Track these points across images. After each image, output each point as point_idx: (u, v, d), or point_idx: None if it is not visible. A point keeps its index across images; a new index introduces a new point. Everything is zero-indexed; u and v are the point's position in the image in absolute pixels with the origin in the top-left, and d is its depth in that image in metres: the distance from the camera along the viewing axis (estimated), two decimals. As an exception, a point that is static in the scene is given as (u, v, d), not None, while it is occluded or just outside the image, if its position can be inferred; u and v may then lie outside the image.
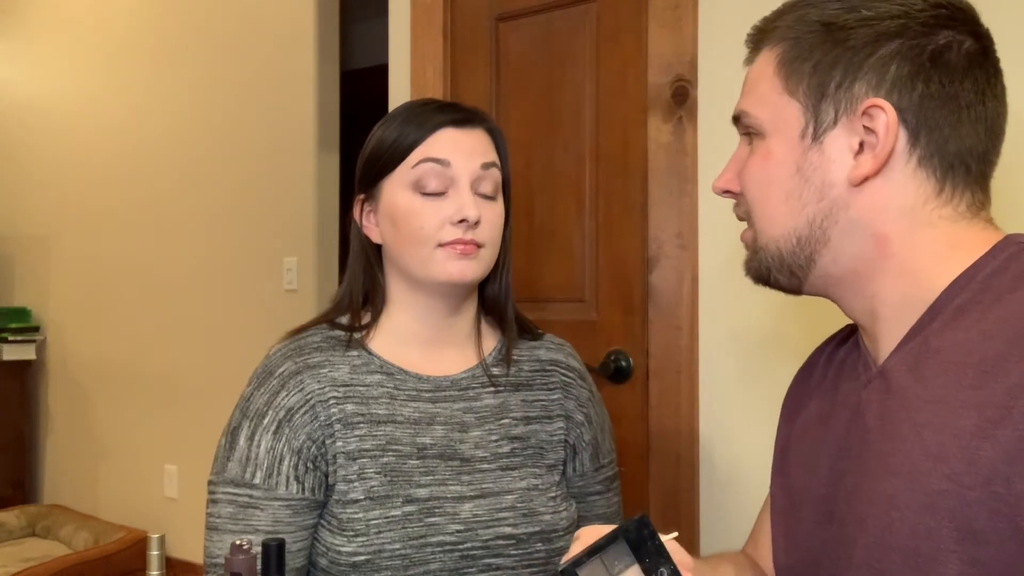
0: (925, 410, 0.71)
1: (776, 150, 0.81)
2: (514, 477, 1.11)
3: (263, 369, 1.11)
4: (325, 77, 3.13)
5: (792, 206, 0.80)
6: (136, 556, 3.26)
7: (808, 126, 0.79)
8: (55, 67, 4.01)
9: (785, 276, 0.83)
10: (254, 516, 1.05)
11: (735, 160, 0.87)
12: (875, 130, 0.76)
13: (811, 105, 0.79)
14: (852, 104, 0.77)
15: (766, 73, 0.82)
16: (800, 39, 0.80)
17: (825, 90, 0.78)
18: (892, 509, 0.71)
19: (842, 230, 0.79)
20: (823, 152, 0.79)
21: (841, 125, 0.78)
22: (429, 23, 2.19)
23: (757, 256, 0.85)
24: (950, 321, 0.73)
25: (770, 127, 0.81)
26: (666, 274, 1.81)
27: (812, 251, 0.80)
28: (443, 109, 1.12)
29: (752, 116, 0.83)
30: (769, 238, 0.83)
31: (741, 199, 0.86)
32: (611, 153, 1.93)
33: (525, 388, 1.17)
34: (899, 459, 0.71)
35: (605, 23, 1.94)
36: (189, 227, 3.44)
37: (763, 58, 0.83)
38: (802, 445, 0.90)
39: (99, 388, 3.78)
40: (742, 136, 0.87)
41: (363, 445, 1.06)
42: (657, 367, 1.83)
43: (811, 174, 0.79)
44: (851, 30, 0.77)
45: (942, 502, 0.67)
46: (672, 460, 1.80)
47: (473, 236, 1.07)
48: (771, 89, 0.81)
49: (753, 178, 0.83)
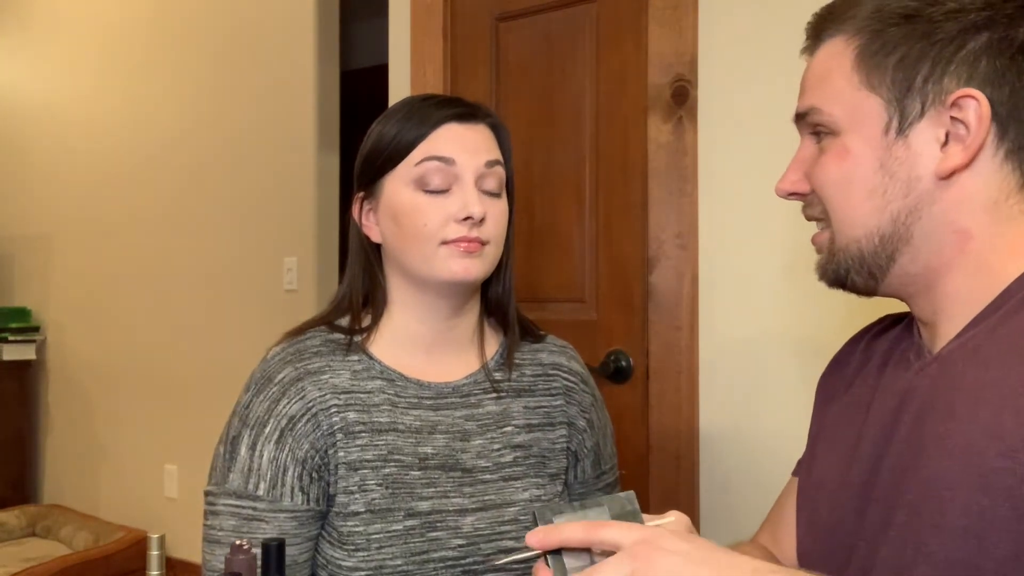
0: (983, 390, 0.71)
1: (855, 147, 0.78)
2: (517, 488, 1.09)
3: (261, 375, 1.08)
4: (325, 77, 3.12)
5: (876, 203, 0.78)
6: (136, 556, 3.26)
7: (892, 120, 0.77)
8: (55, 67, 4.01)
9: (863, 277, 0.81)
10: (259, 529, 1.01)
11: (799, 161, 0.84)
12: (965, 121, 0.75)
13: (896, 99, 0.77)
14: (940, 96, 0.76)
15: (839, 67, 0.80)
16: (881, 32, 0.78)
17: (911, 84, 0.76)
18: (944, 489, 0.70)
19: (925, 226, 0.77)
20: (909, 146, 0.77)
21: (928, 118, 0.76)
22: (429, 23, 2.19)
23: (835, 258, 0.82)
24: (1013, 311, 0.74)
25: (847, 124, 0.79)
26: (666, 274, 1.81)
27: (894, 250, 0.79)
28: (445, 104, 1.09)
29: (825, 113, 0.80)
30: (850, 238, 0.80)
31: (812, 199, 0.84)
32: (611, 153, 1.93)
33: (527, 394, 1.15)
34: (954, 439, 0.71)
35: (605, 23, 1.94)
36: (189, 227, 3.44)
37: (830, 50, 0.81)
38: (836, 432, 0.89)
39: (99, 388, 3.78)
40: (807, 135, 0.84)
41: (364, 455, 1.04)
42: (657, 367, 1.83)
43: (896, 169, 0.77)
44: (937, 23, 0.76)
45: (998, 480, 0.67)
46: (672, 460, 1.80)
47: (478, 233, 1.04)
48: (847, 84, 0.79)
49: (830, 177, 0.80)
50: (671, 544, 0.64)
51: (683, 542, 0.65)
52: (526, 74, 2.07)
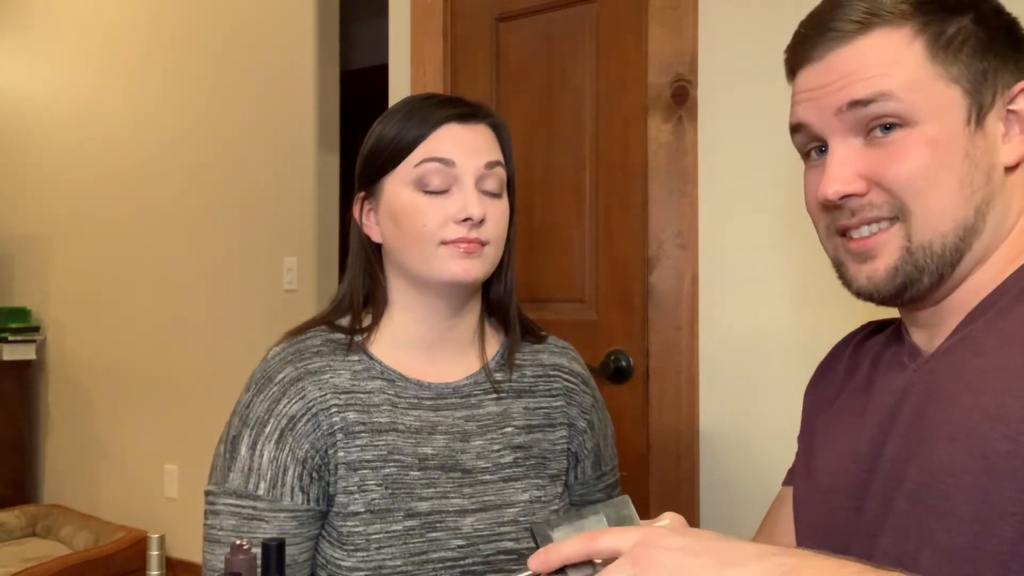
0: (983, 378, 0.71)
1: (940, 136, 0.76)
2: (516, 489, 1.09)
3: (261, 374, 1.08)
4: (325, 77, 3.12)
5: (965, 193, 0.76)
6: (136, 556, 3.26)
7: (972, 111, 0.77)
8: (55, 67, 4.01)
9: (933, 279, 0.77)
10: (259, 528, 1.01)
11: (844, 160, 0.78)
12: (1021, 111, 0.78)
13: (974, 90, 0.77)
14: (1005, 88, 0.78)
15: (911, 57, 0.77)
16: (946, 24, 0.77)
17: (985, 76, 0.77)
18: (947, 475, 0.70)
19: (994, 217, 0.78)
20: (986, 136, 0.78)
21: (996, 109, 0.78)
22: (429, 23, 2.19)
23: (913, 257, 0.77)
24: (1016, 301, 0.74)
25: (928, 113, 0.76)
26: (666, 274, 1.81)
27: (967, 245, 0.77)
28: (446, 104, 1.08)
29: (904, 100, 0.76)
30: (936, 232, 0.76)
31: (870, 200, 0.78)
32: (611, 153, 1.93)
33: (528, 395, 1.15)
34: (956, 425, 0.71)
35: (605, 23, 1.94)
36: (189, 227, 3.44)
37: (887, 40, 0.77)
38: (831, 439, 0.89)
39: (99, 388, 3.78)
40: (845, 133, 0.78)
41: (364, 455, 1.04)
42: (657, 367, 1.83)
43: (980, 158, 0.77)
44: (986, 16, 0.78)
45: (1002, 462, 0.67)
46: (672, 460, 1.80)
47: (477, 234, 1.04)
48: (924, 74, 0.77)
49: (918, 167, 0.76)
50: (669, 541, 0.64)
51: (681, 537, 0.64)
52: (526, 74, 2.07)
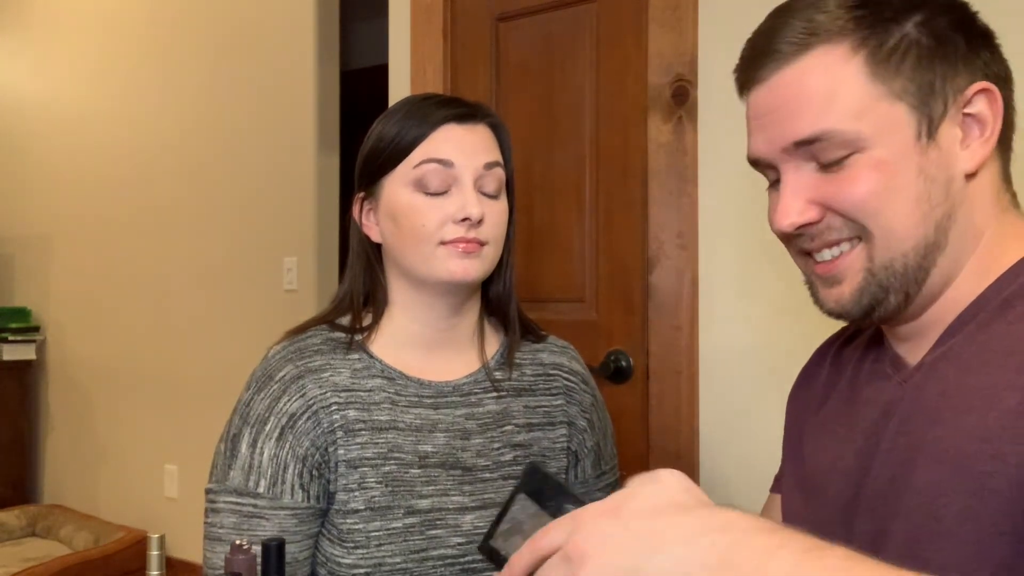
0: (968, 396, 0.70)
1: (890, 157, 0.73)
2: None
3: (262, 372, 1.08)
4: (325, 77, 3.12)
5: (923, 211, 0.74)
6: (136, 556, 3.26)
7: (922, 125, 0.74)
8: (55, 67, 4.01)
9: (899, 298, 0.76)
10: (259, 526, 1.02)
11: (797, 189, 0.77)
12: (979, 115, 0.75)
13: (921, 103, 0.74)
14: (958, 94, 0.74)
15: (850, 80, 0.74)
16: (886, 36, 0.74)
17: (933, 85, 0.74)
18: (938, 496, 0.69)
19: (957, 229, 0.75)
20: (940, 148, 0.74)
21: (948, 117, 0.75)
22: (429, 23, 2.19)
23: (875, 279, 0.76)
24: (995, 316, 0.73)
25: (874, 137, 0.73)
26: (666, 274, 1.81)
27: (932, 262, 0.75)
28: (445, 104, 1.09)
29: (847, 132, 0.73)
30: (897, 252, 0.75)
31: (826, 225, 0.77)
32: (611, 153, 1.93)
33: (528, 393, 1.15)
34: (943, 446, 0.70)
35: (605, 23, 1.94)
36: (189, 227, 3.44)
37: (823, 64, 0.74)
38: (819, 449, 0.88)
39: (99, 388, 3.78)
40: (799, 162, 0.76)
41: (364, 453, 1.04)
42: (657, 367, 1.83)
43: (936, 173, 0.74)
44: (931, 19, 0.75)
45: (990, 483, 0.66)
46: (672, 460, 1.80)
47: (476, 234, 1.05)
48: (866, 97, 0.73)
49: (868, 191, 0.74)
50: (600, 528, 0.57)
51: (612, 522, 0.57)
52: (526, 74, 2.07)
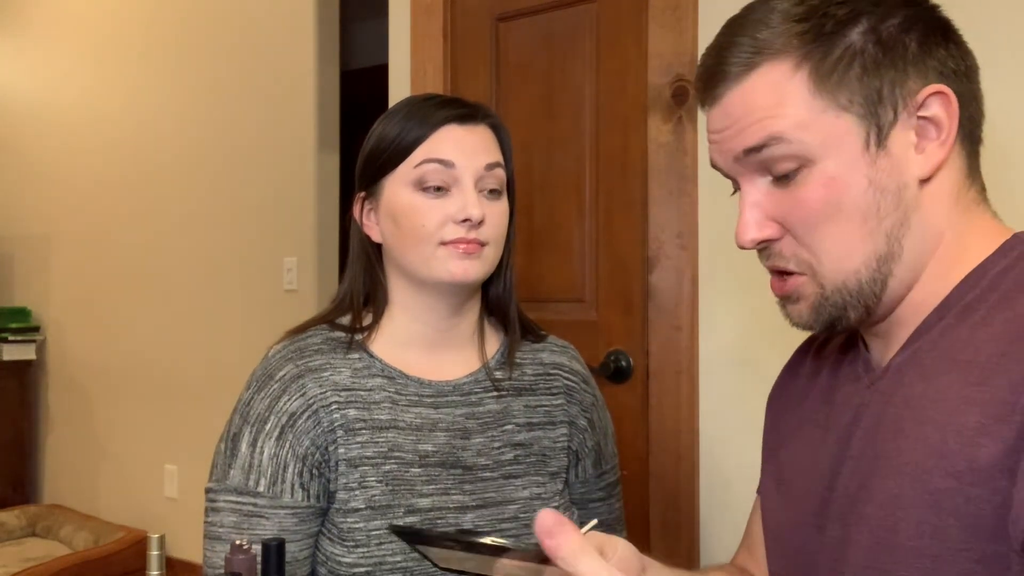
0: (929, 408, 0.70)
1: (838, 172, 0.73)
2: (517, 486, 1.09)
3: (262, 372, 1.08)
4: (325, 77, 3.12)
5: (871, 225, 0.73)
6: (136, 556, 3.26)
7: (870, 135, 0.73)
8: (56, 67, 4.01)
9: (859, 312, 0.76)
10: (259, 525, 1.02)
11: (754, 205, 0.77)
12: (934, 117, 0.74)
13: (868, 113, 0.73)
14: (909, 99, 0.73)
15: (794, 94, 0.73)
16: (830, 48, 0.73)
17: (880, 92, 0.73)
18: (897, 509, 0.70)
19: (913, 236, 0.74)
20: (891, 155, 0.73)
21: (900, 122, 0.73)
22: (429, 23, 2.19)
23: (829, 300, 0.76)
24: (959, 320, 0.73)
25: (822, 149, 0.73)
26: (666, 274, 1.81)
27: (888, 271, 0.74)
28: (446, 104, 1.09)
29: (793, 141, 0.73)
30: (847, 272, 0.74)
31: (779, 245, 0.77)
32: (611, 153, 1.93)
33: (528, 393, 1.15)
34: (903, 458, 0.71)
35: (605, 23, 1.94)
36: (189, 227, 3.44)
37: (768, 78, 0.74)
38: (795, 449, 0.88)
39: (99, 388, 3.78)
40: (753, 175, 0.77)
41: (365, 452, 1.04)
42: (657, 367, 1.83)
43: (886, 182, 0.73)
44: (877, 26, 0.74)
45: (946, 500, 0.66)
46: (672, 460, 1.80)
47: (476, 235, 1.05)
48: (810, 110, 0.73)
49: (816, 209, 0.74)
50: None
51: None
52: (526, 74, 2.07)
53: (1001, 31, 1.43)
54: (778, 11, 0.75)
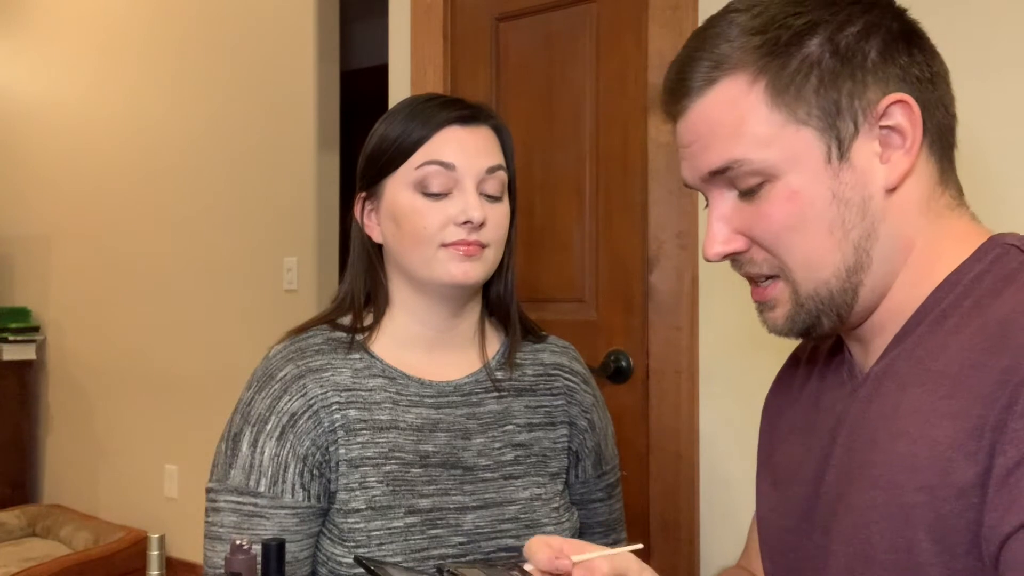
0: (903, 420, 0.70)
1: (801, 185, 0.73)
2: (517, 487, 1.09)
3: (263, 372, 1.08)
4: (325, 77, 3.12)
5: (837, 237, 0.73)
6: (136, 556, 3.26)
7: (831, 147, 0.73)
8: (55, 67, 4.01)
9: (832, 320, 0.76)
10: (259, 525, 1.02)
11: (721, 218, 0.78)
12: (897, 127, 0.73)
13: (828, 125, 0.72)
14: (870, 109, 0.73)
15: (752, 110, 0.73)
16: (786, 61, 0.72)
17: (839, 104, 0.72)
18: (872, 522, 0.69)
19: (881, 246, 0.74)
20: (854, 168, 0.73)
21: (862, 134, 0.73)
22: (429, 23, 2.19)
23: (803, 308, 0.76)
24: (933, 327, 0.72)
25: (784, 165, 0.73)
26: (666, 274, 1.81)
27: (858, 281, 0.74)
28: (448, 105, 1.09)
29: (756, 162, 0.73)
30: (818, 281, 0.75)
31: (749, 256, 0.78)
32: (611, 153, 1.93)
33: (528, 393, 1.15)
34: (878, 470, 0.70)
35: (605, 23, 1.94)
36: (189, 227, 3.44)
37: (726, 95, 0.74)
38: (787, 452, 0.88)
39: (99, 388, 3.78)
40: (721, 190, 0.77)
41: (365, 452, 1.04)
42: (657, 367, 1.83)
43: (850, 195, 0.73)
44: (834, 36, 0.72)
45: (918, 515, 0.66)
46: (672, 460, 1.80)
47: (477, 237, 1.05)
48: (769, 126, 0.73)
49: (782, 223, 0.74)
50: None
51: None
52: (526, 74, 2.07)
53: (1002, 32, 1.43)
54: (736, 24, 0.75)
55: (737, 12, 0.75)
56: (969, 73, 1.14)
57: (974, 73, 1.41)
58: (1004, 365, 0.64)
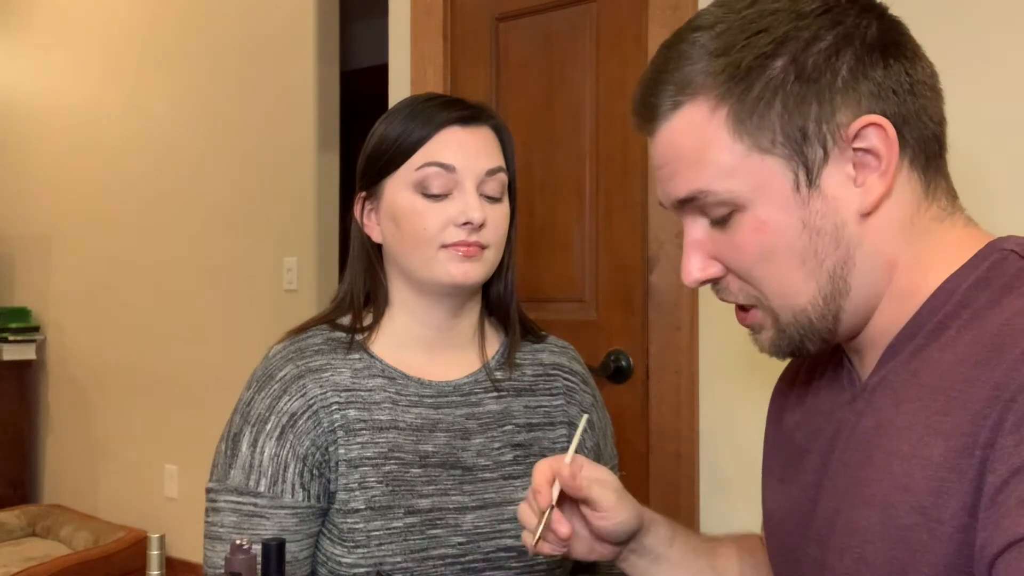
0: (897, 437, 0.68)
1: (769, 216, 0.70)
2: (516, 487, 1.09)
3: (263, 372, 1.08)
4: (325, 77, 3.12)
5: (811, 266, 0.71)
6: (136, 556, 3.26)
7: (799, 175, 0.70)
8: (55, 67, 4.01)
9: (816, 343, 0.74)
10: (259, 525, 1.02)
11: (695, 244, 0.76)
12: (871, 149, 0.69)
13: (795, 153, 0.69)
14: (839, 133, 0.69)
15: (714, 139, 0.71)
16: (748, 87, 0.69)
17: (805, 131, 0.69)
18: (866, 542, 0.68)
19: (859, 271, 0.72)
20: (824, 195, 0.70)
21: (832, 159, 0.70)
22: (429, 23, 2.19)
23: (785, 334, 0.75)
24: (929, 339, 0.70)
25: (751, 195, 0.70)
26: (666, 274, 1.81)
27: (838, 307, 0.72)
28: (448, 106, 1.08)
29: (721, 192, 0.71)
30: (796, 310, 0.73)
31: (727, 281, 0.77)
32: (611, 153, 1.93)
33: (528, 393, 1.15)
34: (872, 489, 0.69)
35: (605, 23, 1.94)
36: (189, 227, 3.44)
37: (688, 122, 0.72)
38: (791, 452, 0.87)
39: (99, 388, 3.78)
40: (693, 216, 0.75)
41: (365, 452, 1.04)
42: (657, 367, 1.83)
43: (821, 223, 0.70)
44: (799, 57, 0.69)
45: (913, 536, 0.65)
46: (672, 460, 1.80)
47: (477, 238, 1.04)
48: (732, 155, 0.70)
49: (753, 255, 0.72)
50: None
51: None
52: (526, 74, 2.07)
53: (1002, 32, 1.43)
54: (699, 44, 0.71)
55: (701, 31, 0.72)
56: (958, 72, 1.14)
57: (964, 72, 1.41)
58: (996, 380, 0.63)
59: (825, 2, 0.71)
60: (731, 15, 0.71)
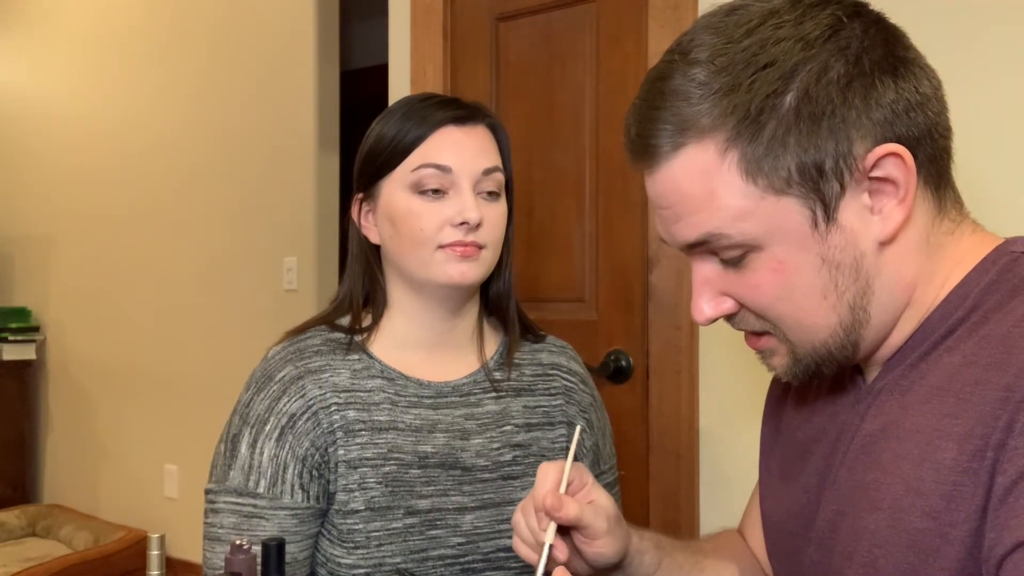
0: (906, 440, 0.68)
1: (787, 256, 0.69)
2: (516, 487, 1.09)
3: (262, 373, 1.08)
4: (325, 77, 3.12)
5: (831, 300, 0.70)
6: (136, 556, 3.26)
7: (816, 212, 0.68)
8: (55, 67, 4.01)
9: (833, 368, 0.74)
10: (259, 526, 1.02)
11: (705, 282, 0.74)
12: (889, 177, 0.68)
13: (810, 191, 0.67)
14: (856, 166, 0.67)
15: (725, 183, 0.68)
16: (759, 128, 0.66)
17: (822, 168, 0.67)
18: (875, 546, 0.68)
19: (879, 299, 0.71)
20: (842, 229, 0.68)
21: (849, 190, 0.68)
22: (429, 23, 2.19)
23: (801, 363, 0.74)
24: (939, 342, 0.70)
25: (767, 236, 0.68)
26: (666, 274, 1.81)
27: (858, 337, 0.72)
28: (444, 105, 1.08)
29: (734, 236, 0.69)
30: (816, 343, 0.72)
31: (743, 315, 0.75)
32: (611, 153, 1.93)
33: (527, 393, 1.15)
34: (881, 493, 0.69)
35: (605, 23, 1.94)
36: (189, 227, 3.44)
37: (695, 166, 0.69)
38: (789, 448, 0.87)
39: (99, 388, 3.78)
40: (707, 255, 0.73)
41: (364, 453, 1.04)
42: (657, 367, 1.83)
43: (840, 258, 0.69)
44: (810, 92, 0.66)
45: (924, 540, 0.64)
46: (672, 460, 1.80)
47: (474, 238, 1.04)
48: (746, 198, 0.68)
49: (771, 294, 0.71)
50: None
51: None
52: (526, 74, 2.07)
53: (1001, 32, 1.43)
54: (696, 81, 0.67)
55: (696, 64, 0.68)
56: (958, 76, 1.14)
57: (962, 76, 1.41)
58: (1007, 382, 0.63)
59: (831, 25, 0.68)
60: (731, 46, 0.67)
